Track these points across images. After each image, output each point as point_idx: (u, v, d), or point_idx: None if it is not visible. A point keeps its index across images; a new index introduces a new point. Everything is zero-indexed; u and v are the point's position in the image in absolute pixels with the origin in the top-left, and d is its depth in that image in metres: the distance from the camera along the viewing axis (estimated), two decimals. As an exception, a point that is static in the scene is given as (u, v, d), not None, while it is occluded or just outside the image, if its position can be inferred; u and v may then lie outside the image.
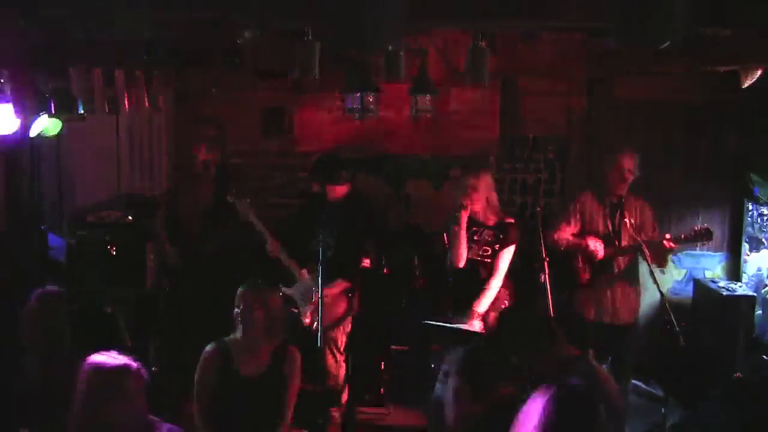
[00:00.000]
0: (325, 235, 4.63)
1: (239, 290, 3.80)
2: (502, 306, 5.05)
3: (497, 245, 5.05)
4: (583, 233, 5.26)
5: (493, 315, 4.96)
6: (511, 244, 5.07)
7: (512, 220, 5.17)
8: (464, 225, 5.01)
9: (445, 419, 3.09)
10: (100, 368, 2.78)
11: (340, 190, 5.14)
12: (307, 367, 5.35)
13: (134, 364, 2.83)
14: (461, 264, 5.03)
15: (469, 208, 5.01)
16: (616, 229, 5.18)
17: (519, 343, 3.39)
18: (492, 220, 5.11)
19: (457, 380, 3.12)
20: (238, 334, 3.79)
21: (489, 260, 5.06)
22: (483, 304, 4.95)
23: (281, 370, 3.79)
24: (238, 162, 6.45)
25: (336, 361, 5.16)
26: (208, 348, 3.80)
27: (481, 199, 5.06)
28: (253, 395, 3.68)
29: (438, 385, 3.38)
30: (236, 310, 3.77)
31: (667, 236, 5.06)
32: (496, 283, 5.02)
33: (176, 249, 5.81)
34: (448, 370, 3.32)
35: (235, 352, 3.77)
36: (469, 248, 5.06)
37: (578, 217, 5.29)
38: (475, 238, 5.08)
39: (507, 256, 5.06)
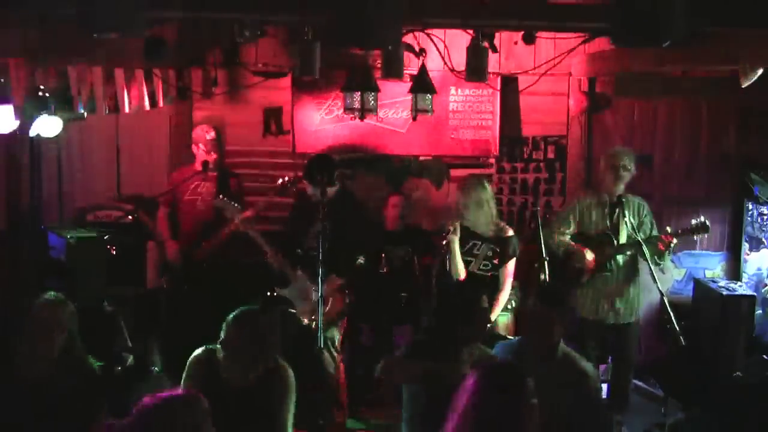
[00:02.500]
0: (321, 234, 4.63)
1: (226, 320, 3.60)
2: (509, 306, 5.17)
3: (496, 260, 5.05)
4: (581, 233, 5.27)
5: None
6: (511, 258, 5.08)
7: (511, 233, 5.13)
8: (456, 246, 4.98)
9: None
10: (167, 402, 2.51)
11: (331, 191, 5.13)
12: (306, 367, 5.36)
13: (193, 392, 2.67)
14: (462, 277, 5.02)
15: (457, 231, 4.98)
16: (615, 228, 5.19)
17: None
18: (491, 233, 5.07)
19: None
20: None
21: (489, 274, 5.06)
22: (492, 317, 4.94)
23: (270, 388, 3.64)
24: (238, 162, 6.44)
25: (334, 360, 5.16)
26: (196, 353, 3.68)
27: (475, 215, 5.01)
28: (239, 409, 3.53)
29: None
30: (222, 335, 3.58)
31: (668, 230, 5.08)
32: (503, 298, 5.08)
33: (178, 249, 5.80)
34: None
35: (224, 362, 3.61)
36: (470, 262, 5.05)
37: (577, 217, 5.29)
38: (475, 251, 5.06)
39: (510, 270, 5.10)
